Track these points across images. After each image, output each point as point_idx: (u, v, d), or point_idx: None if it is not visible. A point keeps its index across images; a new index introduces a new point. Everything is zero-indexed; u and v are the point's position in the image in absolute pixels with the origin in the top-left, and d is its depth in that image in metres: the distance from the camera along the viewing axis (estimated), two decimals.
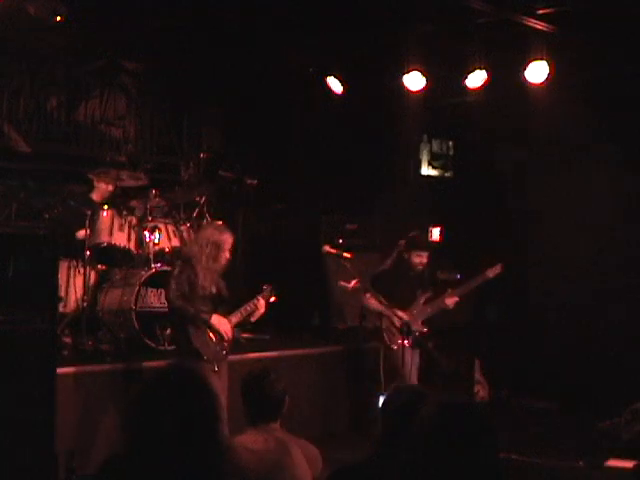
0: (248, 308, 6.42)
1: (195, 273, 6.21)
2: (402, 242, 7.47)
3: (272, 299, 6.54)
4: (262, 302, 6.43)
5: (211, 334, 6.23)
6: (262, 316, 6.52)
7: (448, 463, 2.26)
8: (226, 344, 6.29)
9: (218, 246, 6.25)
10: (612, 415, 7.80)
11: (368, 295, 7.21)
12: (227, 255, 6.30)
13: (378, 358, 7.64)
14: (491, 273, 7.53)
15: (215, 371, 6.04)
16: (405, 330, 6.80)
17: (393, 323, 7.21)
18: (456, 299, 7.47)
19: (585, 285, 9.08)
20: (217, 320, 6.23)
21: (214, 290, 6.32)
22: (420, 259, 7.32)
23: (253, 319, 6.50)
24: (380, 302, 7.13)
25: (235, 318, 6.39)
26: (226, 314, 6.34)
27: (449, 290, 7.51)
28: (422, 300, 7.44)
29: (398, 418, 3.31)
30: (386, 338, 7.22)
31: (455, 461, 2.26)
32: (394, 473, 2.52)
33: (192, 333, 6.16)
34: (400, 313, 7.22)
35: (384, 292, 7.25)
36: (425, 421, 2.36)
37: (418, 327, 7.33)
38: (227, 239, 6.31)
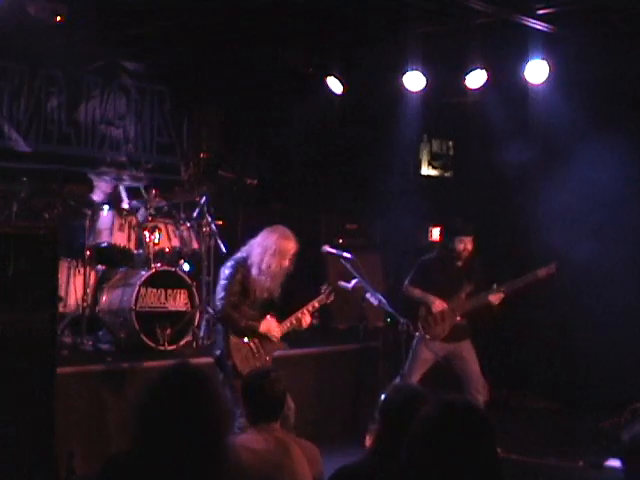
0: (299, 315, 6.15)
1: (249, 277, 5.92)
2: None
3: (330, 300, 6.33)
4: (306, 315, 6.15)
5: (253, 347, 5.97)
6: (310, 325, 6.29)
7: (448, 463, 2.26)
8: (267, 358, 5.98)
9: (282, 255, 5.95)
10: (612, 415, 7.80)
11: (411, 288, 7.22)
12: (287, 264, 5.98)
13: (378, 358, 7.64)
14: (544, 272, 7.33)
15: None
16: (405, 331, 6.77)
17: (430, 311, 7.21)
18: (501, 296, 7.25)
19: (586, 285, 9.07)
20: (266, 325, 5.97)
21: (265, 295, 6.01)
22: (464, 244, 7.21)
23: (305, 327, 6.22)
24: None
25: (284, 328, 6.10)
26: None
27: (494, 286, 7.28)
28: (463, 294, 7.30)
29: (397, 417, 3.31)
30: (420, 326, 7.19)
31: (455, 461, 2.26)
32: (393, 473, 2.51)
33: (232, 346, 5.90)
34: (438, 302, 7.21)
35: (427, 281, 7.28)
36: (425, 421, 2.36)
37: (455, 320, 7.26)
38: (292, 248, 6.01)
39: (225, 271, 6.00)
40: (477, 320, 7.46)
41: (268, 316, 6.04)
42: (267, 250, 5.93)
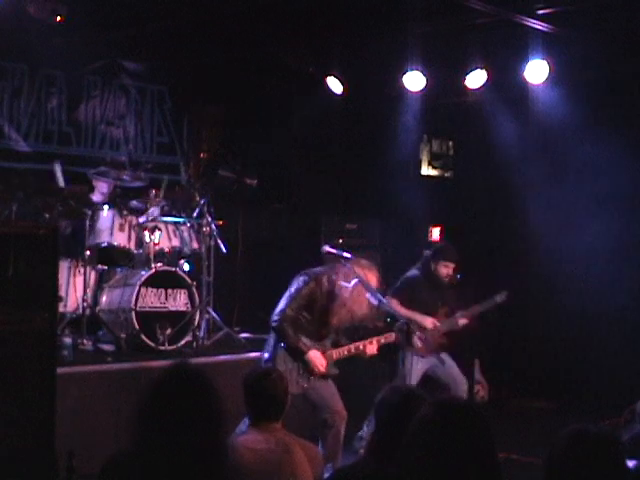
0: (361, 347, 6.07)
1: (318, 294, 5.89)
2: (428, 252, 7.52)
3: (390, 339, 6.18)
4: (374, 346, 6.09)
5: (299, 364, 5.89)
6: (372, 357, 6.19)
7: (446, 464, 2.26)
8: (312, 377, 5.91)
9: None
10: (612, 415, 7.79)
11: (394, 302, 7.18)
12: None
13: (378, 358, 7.63)
14: (499, 299, 7.54)
15: None
16: (405, 331, 6.77)
17: (420, 329, 7.13)
18: (465, 321, 7.47)
19: (585, 285, 9.08)
20: (314, 356, 5.86)
21: (332, 319, 5.94)
22: (447, 270, 7.31)
23: (368, 355, 6.13)
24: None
25: (339, 353, 6.03)
26: (333, 346, 6.03)
27: (459, 312, 7.48)
28: (441, 314, 7.43)
29: (394, 418, 3.30)
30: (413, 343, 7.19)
31: (453, 462, 2.26)
32: (391, 474, 2.51)
33: (281, 355, 5.86)
34: (430, 320, 7.28)
35: (412, 299, 7.32)
36: (423, 421, 2.36)
37: (439, 338, 7.36)
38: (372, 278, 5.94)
39: (296, 282, 5.97)
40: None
41: (326, 344, 5.99)
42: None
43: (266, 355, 6.01)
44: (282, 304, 5.93)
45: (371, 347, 6.11)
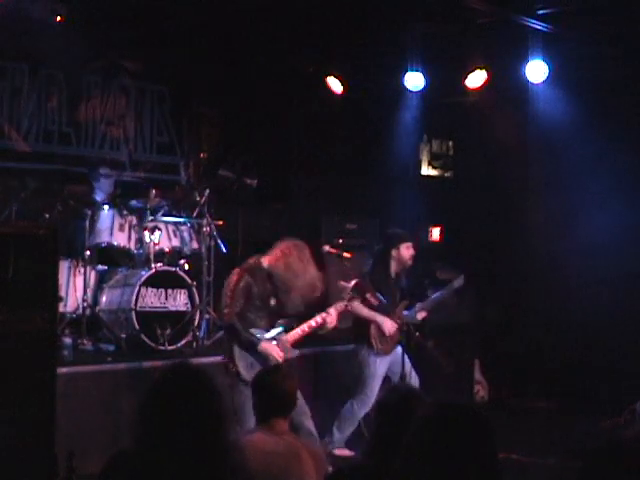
0: (313, 324, 6.06)
1: (255, 282, 5.90)
2: (379, 247, 7.32)
3: (341, 308, 6.15)
4: (333, 316, 6.07)
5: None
6: (335, 328, 6.18)
7: (446, 464, 2.26)
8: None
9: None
10: (612, 415, 7.80)
11: (356, 302, 6.89)
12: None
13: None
14: (456, 284, 7.31)
15: None
16: (406, 333, 6.74)
17: (382, 331, 6.99)
18: (424, 314, 7.24)
19: (586, 285, 9.08)
20: (267, 346, 5.83)
21: (273, 302, 5.97)
22: (409, 251, 7.09)
23: (325, 331, 6.14)
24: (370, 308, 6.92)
25: (293, 337, 6.00)
26: (286, 332, 6.00)
27: (418, 305, 7.26)
28: (401, 308, 7.19)
29: (393, 417, 3.30)
30: (375, 344, 6.99)
31: (453, 462, 2.26)
32: (390, 473, 2.51)
33: (237, 352, 5.83)
34: (389, 323, 6.98)
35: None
36: (423, 422, 2.36)
37: (395, 334, 7.04)
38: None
39: (230, 278, 5.96)
40: None
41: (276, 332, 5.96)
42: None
43: (223, 357, 5.96)
44: (224, 303, 5.90)
45: (330, 318, 6.07)
